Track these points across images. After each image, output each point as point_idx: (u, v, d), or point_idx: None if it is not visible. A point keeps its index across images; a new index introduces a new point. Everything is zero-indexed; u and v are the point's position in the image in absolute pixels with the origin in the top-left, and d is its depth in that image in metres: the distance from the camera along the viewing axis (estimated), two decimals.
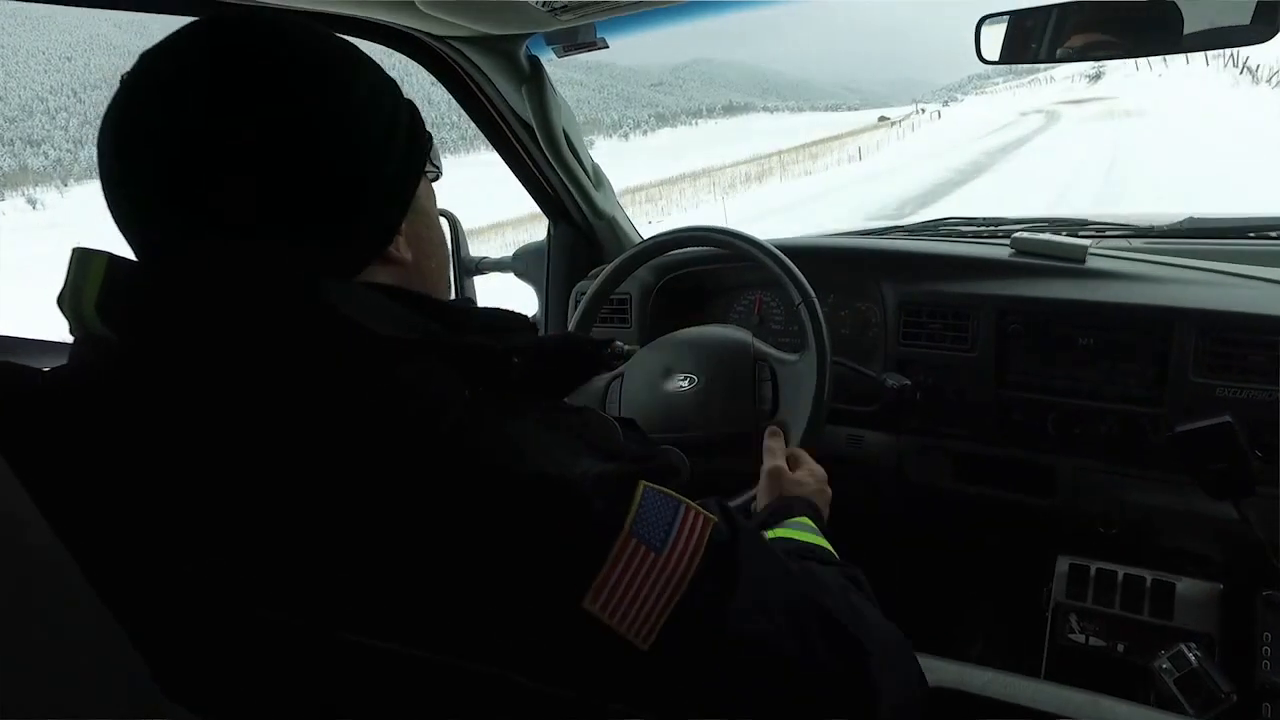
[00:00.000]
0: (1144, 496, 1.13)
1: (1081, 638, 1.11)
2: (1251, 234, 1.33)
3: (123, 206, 0.47)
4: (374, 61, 0.52)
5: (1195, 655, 0.96)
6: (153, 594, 0.41)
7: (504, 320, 0.56)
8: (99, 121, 0.48)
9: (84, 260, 0.45)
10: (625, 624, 0.40)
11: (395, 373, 0.44)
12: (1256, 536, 0.95)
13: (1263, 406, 1.01)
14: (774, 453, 0.89)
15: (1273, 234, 1.31)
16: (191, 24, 0.48)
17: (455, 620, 0.40)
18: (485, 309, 0.57)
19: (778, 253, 1.07)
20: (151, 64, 0.47)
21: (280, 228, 0.46)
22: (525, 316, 0.57)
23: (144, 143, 0.45)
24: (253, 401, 0.42)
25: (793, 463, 0.89)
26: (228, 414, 0.42)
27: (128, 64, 0.48)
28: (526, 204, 1.64)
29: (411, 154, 0.53)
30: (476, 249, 1.66)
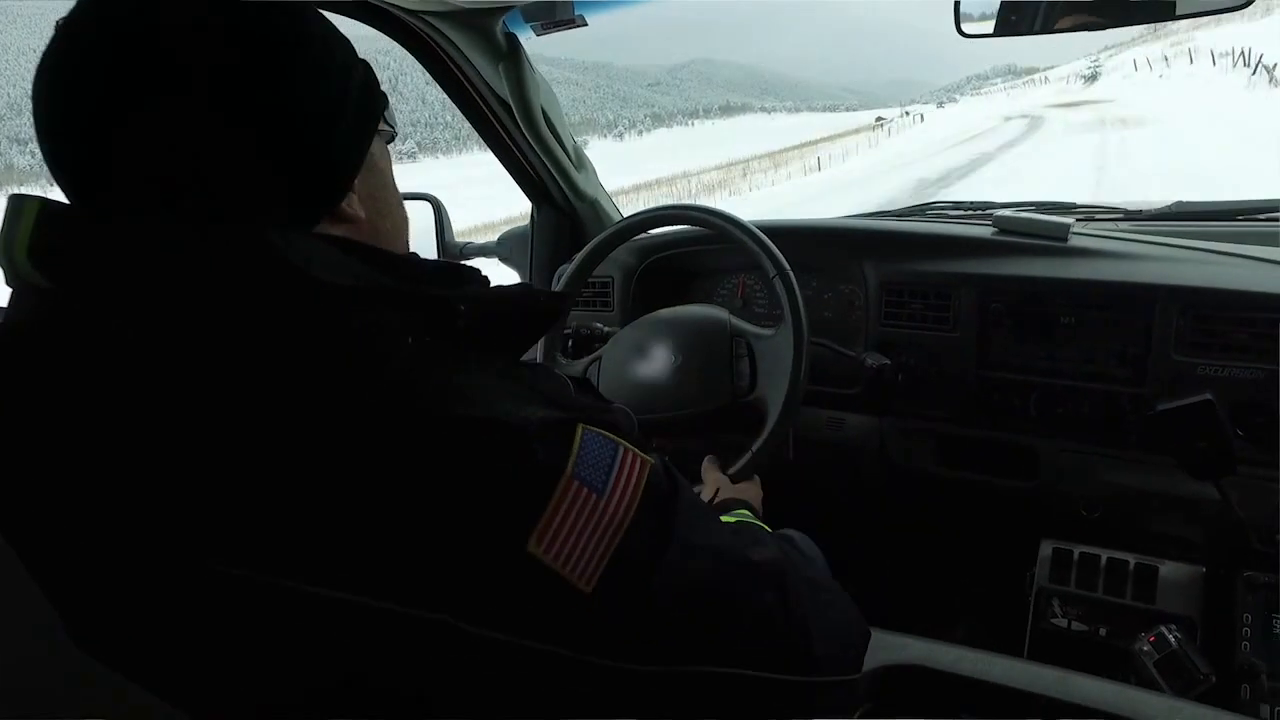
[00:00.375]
0: (1126, 478, 1.12)
1: (1064, 622, 1.09)
2: (1240, 216, 1.32)
3: (57, 149, 0.45)
4: (325, 17, 0.51)
5: (1175, 637, 0.94)
6: (86, 552, 0.40)
7: (455, 273, 0.54)
8: None
9: (16, 205, 0.44)
10: (568, 566, 0.40)
11: (341, 320, 0.43)
12: (1238, 517, 0.93)
13: (1244, 384, 0.99)
14: (711, 473, 0.98)
15: (1261, 216, 1.30)
16: None
17: (400, 566, 0.39)
18: (437, 261, 0.56)
19: (753, 228, 1.05)
20: (90, 8, 0.45)
21: (225, 175, 0.44)
22: (479, 270, 0.56)
23: (85, 73, 0.43)
24: (192, 344, 0.41)
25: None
26: (167, 359, 0.40)
27: None
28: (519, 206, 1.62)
29: (365, 110, 0.52)
30: None
